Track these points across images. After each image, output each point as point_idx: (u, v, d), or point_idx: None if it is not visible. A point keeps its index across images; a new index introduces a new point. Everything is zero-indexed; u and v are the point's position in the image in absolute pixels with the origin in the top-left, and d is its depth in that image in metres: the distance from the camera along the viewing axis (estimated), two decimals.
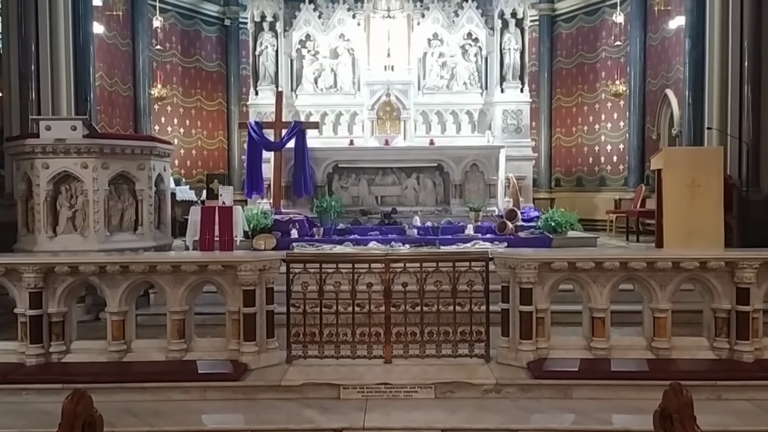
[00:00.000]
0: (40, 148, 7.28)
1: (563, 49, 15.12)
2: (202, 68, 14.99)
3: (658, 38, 12.74)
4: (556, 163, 15.39)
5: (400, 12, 13.99)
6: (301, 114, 14.00)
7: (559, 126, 15.31)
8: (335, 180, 12.51)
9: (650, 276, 5.40)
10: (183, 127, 14.58)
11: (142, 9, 13.22)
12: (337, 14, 14.32)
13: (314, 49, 14.35)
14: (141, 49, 13.24)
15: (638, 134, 13.32)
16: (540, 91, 15.18)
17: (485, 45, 14.16)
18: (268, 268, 5.47)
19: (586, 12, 14.59)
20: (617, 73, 13.61)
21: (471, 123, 14.18)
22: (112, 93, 12.47)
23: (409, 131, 13.79)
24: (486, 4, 14.26)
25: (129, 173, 7.67)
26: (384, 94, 13.72)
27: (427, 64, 14.32)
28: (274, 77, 14.15)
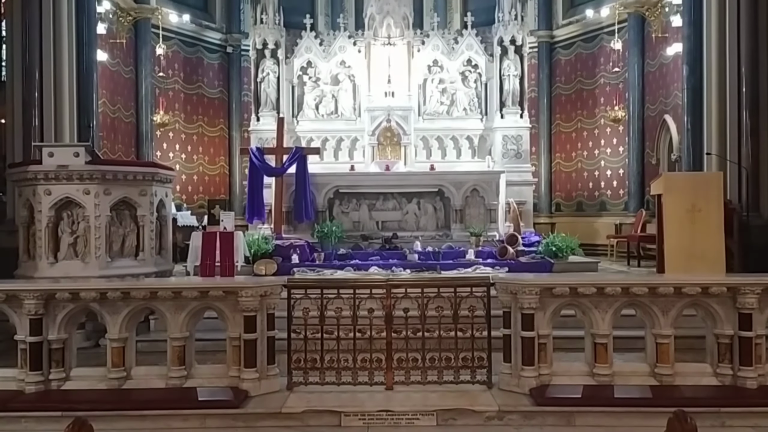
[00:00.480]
0: (43, 174, 7.32)
1: (562, 75, 15.25)
2: (204, 95, 15.11)
3: (656, 65, 12.86)
4: (556, 188, 15.43)
5: (400, 39, 14.15)
6: (302, 140, 14.08)
7: (558, 151, 15.38)
8: (336, 205, 12.53)
9: (652, 301, 5.38)
10: (185, 153, 14.66)
11: (145, 37, 13.37)
12: (338, 41, 14.48)
13: (315, 76, 14.49)
14: (144, 76, 13.37)
15: (638, 159, 13.38)
16: (539, 116, 15.29)
17: (485, 71, 14.29)
18: (269, 293, 5.46)
19: (584, 39, 14.74)
20: (616, 99, 13.72)
21: (471, 148, 14.26)
22: (115, 119, 12.55)
23: (409, 157, 13.86)
24: (485, 31, 14.42)
25: (131, 199, 7.70)
26: (384, 119, 13.82)
27: (428, 90, 14.44)
28: (276, 103, 14.27)
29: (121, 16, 12.75)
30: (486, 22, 14.55)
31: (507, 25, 13.95)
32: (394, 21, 14.09)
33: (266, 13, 14.19)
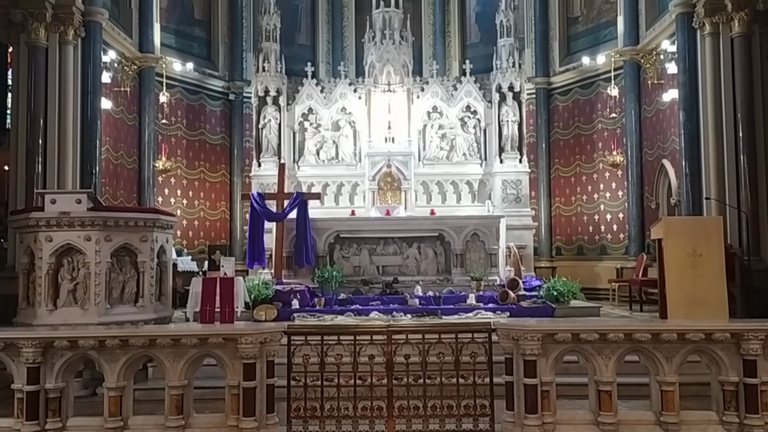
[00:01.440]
0: (45, 221, 7.35)
1: (560, 120, 15.43)
2: (207, 141, 15.26)
3: (653, 110, 13.01)
4: (556, 232, 15.44)
5: (400, 86, 14.37)
6: (303, 185, 14.17)
7: (558, 195, 15.45)
8: (337, 250, 12.55)
9: (656, 348, 5.34)
10: (186, 199, 14.72)
11: (149, 85, 13.58)
12: (338, 88, 14.70)
13: (316, 122, 14.66)
14: (147, 123, 13.52)
15: (637, 203, 13.41)
16: (538, 161, 15.40)
17: (484, 117, 14.47)
18: (269, 340, 5.42)
19: (581, 85, 14.96)
20: (614, 144, 13.84)
21: (471, 193, 14.33)
22: (118, 166, 12.66)
23: (409, 201, 13.92)
24: (483, 78, 14.65)
25: (132, 245, 7.71)
26: (385, 165, 13.92)
27: (427, 136, 14.59)
28: (277, 149, 14.40)
29: (126, 65, 12.97)
30: (484, 70, 14.79)
31: (505, 72, 14.18)
32: (393, 69, 14.32)
33: (268, 62, 14.44)
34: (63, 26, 10.50)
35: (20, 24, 10.27)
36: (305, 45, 16.64)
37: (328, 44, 16.72)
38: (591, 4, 14.97)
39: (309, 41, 16.73)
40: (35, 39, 10.23)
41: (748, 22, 10.21)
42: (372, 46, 14.32)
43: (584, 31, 15.10)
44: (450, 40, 16.71)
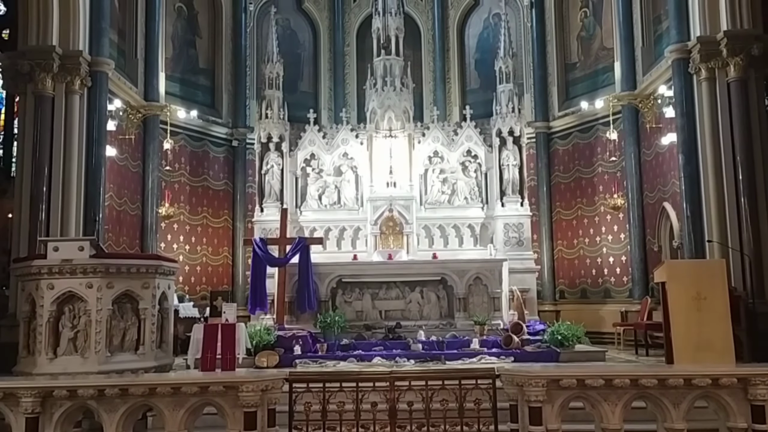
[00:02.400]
0: (47, 269, 7.36)
1: (560, 164, 15.54)
2: (210, 187, 15.37)
3: (652, 153, 13.11)
4: (559, 275, 15.38)
5: (401, 132, 14.53)
6: (306, 230, 14.21)
7: (560, 238, 15.44)
8: (339, 295, 12.49)
9: (662, 394, 5.26)
10: (188, 244, 14.74)
11: (153, 132, 13.75)
12: (340, 134, 14.87)
13: (318, 168, 14.78)
14: (151, 170, 13.64)
15: (640, 246, 13.39)
16: (540, 204, 15.45)
17: (484, 161, 14.58)
18: (271, 388, 5.36)
19: (580, 129, 15.11)
20: (615, 187, 13.89)
21: (473, 236, 14.34)
22: (121, 212, 12.72)
23: (412, 245, 13.93)
24: (484, 123, 14.83)
25: (133, 292, 7.70)
26: (387, 209, 13.98)
27: (429, 180, 14.69)
28: (279, 194, 14.49)
29: (131, 113, 13.16)
30: (484, 115, 14.98)
31: (505, 117, 14.35)
32: (395, 114, 14.50)
33: (271, 109, 14.64)
34: (70, 76, 10.71)
35: (27, 74, 10.49)
36: (308, 92, 16.92)
37: (330, 91, 16.99)
38: (588, 50, 15.24)
39: (311, 88, 17.02)
40: (42, 89, 10.44)
41: (744, 67, 10.40)
42: (373, 92, 14.54)
43: (582, 77, 15.34)
44: (450, 86, 16.96)
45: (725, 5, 10.59)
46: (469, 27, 17.14)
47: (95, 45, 11.26)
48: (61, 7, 10.75)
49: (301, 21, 17.16)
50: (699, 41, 10.74)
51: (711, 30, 10.74)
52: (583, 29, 15.37)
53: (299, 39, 17.08)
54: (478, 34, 16.98)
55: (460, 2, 17.07)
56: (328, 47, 17.12)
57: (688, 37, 11.11)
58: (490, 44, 16.11)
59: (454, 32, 17.06)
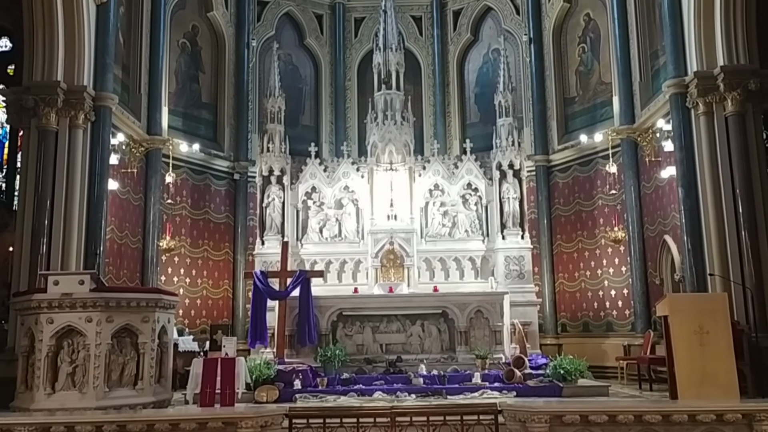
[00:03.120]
0: (47, 303, 7.35)
1: (560, 197, 15.58)
2: (211, 220, 15.40)
3: (652, 187, 13.15)
4: (561, 308, 15.30)
5: (402, 165, 14.61)
6: (306, 262, 14.18)
7: (561, 271, 15.40)
8: (339, 328, 12.43)
9: (667, 430, 5.21)
10: (189, 277, 14.71)
11: (155, 166, 13.82)
12: (341, 168, 14.94)
13: (320, 201, 14.82)
14: (153, 203, 13.67)
15: (641, 279, 13.34)
16: (540, 237, 15.45)
17: (485, 194, 14.63)
18: (270, 424, 5.31)
19: (580, 163, 15.19)
20: (615, 220, 13.90)
21: (474, 269, 14.31)
22: (122, 245, 12.72)
23: (412, 278, 13.89)
24: (484, 156, 14.91)
25: (133, 326, 7.67)
26: (387, 242, 13.97)
27: (429, 213, 14.71)
28: (280, 227, 14.50)
29: (134, 147, 13.25)
30: (484, 148, 15.08)
31: (504, 150, 14.44)
32: (395, 148, 14.60)
33: (273, 142, 14.74)
34: (74, 111, 10.83)
35: (32, 109, 10.60)
36: (309, 126, 17.09)
37: (332, 125, 17.16)
38: (586, 85, 15.41)
39: (313, 122, 17.20)
40: (46, 123, 10.54)
41: (741, 101, 10.50)
42: (374, 126, 14.65)
43: (581, 111, 15.48)
44: (450, 120, 17.14)
45: (721, 41, 10.74)
46: (468, 62, 17.40)
47: (99, 80, 11.41)
48: (67, 43, 10.92)
49: (303, 56, 17.43)
50: (696, 76, 10.86)
51: (708, 65, 10.86)
52: (582, 64, 15.57)
53: (301, 74, 17.31)
54: (478, 69, 17.22)
55: (460, 38, 17.34)
56: (329, 82, 17.35)
57: (686, 72, 11.23)
58: (490, 79, 16.32)
59: (454, 67, 17.32)
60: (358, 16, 17.73)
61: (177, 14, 15.06)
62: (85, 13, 11.09)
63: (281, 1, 17.10)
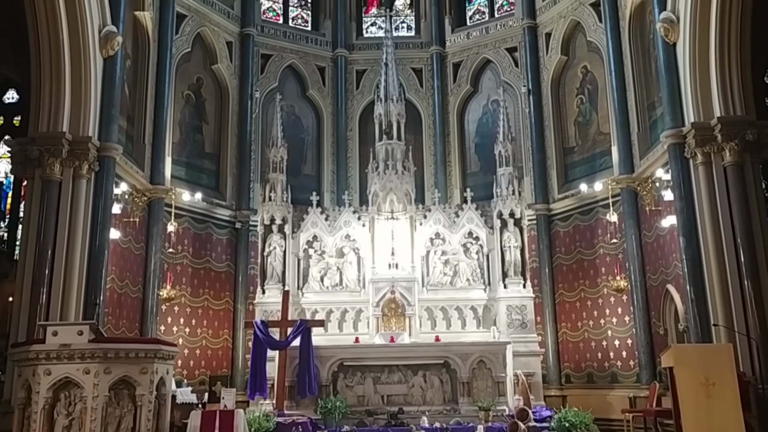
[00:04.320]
0: (45, 354, 7.27)
1: (562, 246, 15.57)
2: (212, 268, 15.37)
3: (653, 236, 13.14)
4: (564, 359, 15.10)
5: (403, 214, 14.67)
6: (307, 311, 14.10)
7: (564, 321, 15.27)
8: (340, 378, 12.31)
9: None
10: (189, 327, 14.60)
11: (158, 215, 13.87)
12: (343, 216, 15.00)
13: (321, 249, 14.82)
14: (154, 252, 13.66)
15: (645, 329, 13.19)
16: (542, 286, 15.36)
17: (486, 243, 14.63)
18: None
19: (580, 212, 15.23)
20: (617, 269, 13.84)
21: (476, 318, 14.21)
22: (122, 295, 12.67)
23: (414, 327, 13.79)
24: (484, 205, 14.97)
25: (131, 378, 7.57)
26: (389, 291, 13.92)
27: (431, 262, 14.69)
28: (281, 276, 14.47)
29: (137, 196, 13.32)
30: (485, 197, 15.15)
31: (505, 199, 14.50)
32: (396, 197, 14.68)
33: (275, 192, 14.83)
34: (78, 161, 10.94)
35: (36, 159, 10.71)
36: (311, 175, 17.24)
37: (333, 174, 17.30)
38: (585, 135, 15.60)
39: (314, 172, 17.35)
40: (50, 173, 10.64)
41: (739, 151, 10.60)
42: (375, 176, 14.77)
43: (580, 160, 15.62)
44: (451, 169, 17.27)
45: (717, 92, 10.91)
46: (468, 112, 17.65)
47: (104, 131, 11.55)
48: (73, 94, 11.10)
49: (305, 107, 17.70)
50: (693, 127, 10.98)
51: (705, 116, 11.00)
52: (580, 115, 15.79)
53: (303, 124, 17.56)
54: (478, 120, 17.46)
55: (460, 89, 17.63)
56: (331, 132, 17.58)
57: (683, 123, 11.36)
58: (490, 129, 16.53)
59: (454, 117, 17.55)
60: (360, 68, 18.07)
61: (182, 67, 15.38)
62: (92, 66, 11.31)
63: (284, 54, 17.47)
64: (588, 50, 15.53)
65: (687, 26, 11.14)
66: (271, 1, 18.32)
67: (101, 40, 11.50)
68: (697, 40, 11.04)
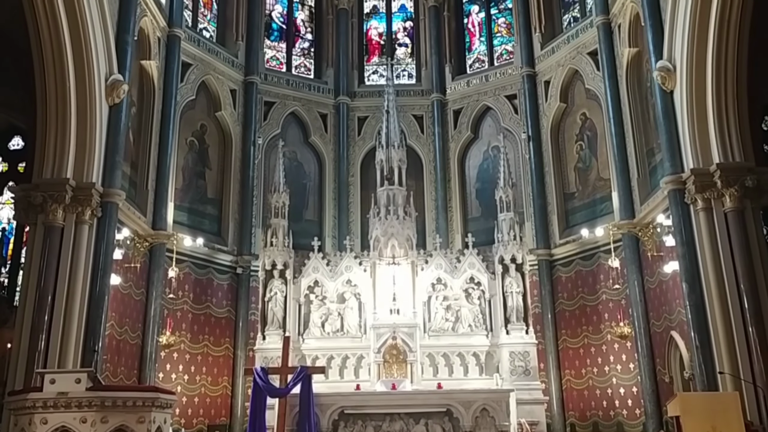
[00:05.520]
0: (42, 402, 7.18)
1: (564, 291, 15.48)
2: (212, 314, 15.27)
3: (656, 281, 13.07)
4: (569, 407, 14.84)
5: (404, 259, 14.63)
6: (308, 358, 13.95)
7: (568, 367, 15.06)
8: (341, 427, 12.10)
9: None
10: (188, 374, 14.41)
11: (159, 260, 13.86)
12: (344, 261, 14.97)
13: (322, 294, 14.76)
14: (154, 298, 13.61)
15: (650, 377, 13.01)
16: (545, 332, 15.21)
17: (488, 288, 14.55)
18: None
19: (582, 257, 15.20)
20: (620, 315, 13.74)
21: (478, 365, 14.03)
22: (121, 341, 12.56)
23: (416, 374, 13.60)
24: (486, 250, 14.95)
25: (128, 427, 7.44)
26: (390, 337, 13.79)
27: (432, 307, 14.60)
28: (282, 322, 14.37)
29: (138, 242, 13.34)
30: (486, 242, 15.15)
31: (507, 245, 14.49)
32: (398, 242, 14.67)
33: (276, 237, 14.85)
34: (81, 207, 11.00)
35: (39, 205, 10.76)
36: (312, 220, 17.30)
37: (335, 219, 17.34)
38: (585, 180, 15.69)
39: (316, 217, 17.42)
40: (52, 219, 10.68)
41: (739, 197, 10.64)
42: (377, 221, 14.78)
43: (581, 206, 15.67)
44: (452, 214, 17.32)
45: (715, 138, 11.01)
46: (469, 158, 17.81)
47: (108, 177, 11.65)
48: (78, 141, 11.23)
49: (307, 153, 17.87)
50: (693, 173, 11.05)
51: (704, 162, 11.08)
52: (580, 161, 15.92)
53: (305, 170, 17.70)
54: (478, 165, 17.60)
55: (460, 136, 17.82)
56: (333, 177, 17.70)
57: (682, 169, 11.43)
58: (490, 174, 16.64)
59: (455, 163, 17.70)
60: (362, 115, 18.31)
61: (186, 114, 15.60)
62: (97, 113, 11.47)
63: (287, 102, 17.74)
64: (586, 97, 15.75)
65: (683, 74, 11.32)
66: (274, 50, 18.68)
67: (107, 88, 11.69)
68: (693, 88, 11.20)
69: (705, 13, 10.84)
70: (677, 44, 11.45)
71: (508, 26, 18.47)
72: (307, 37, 19.31)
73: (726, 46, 10.89)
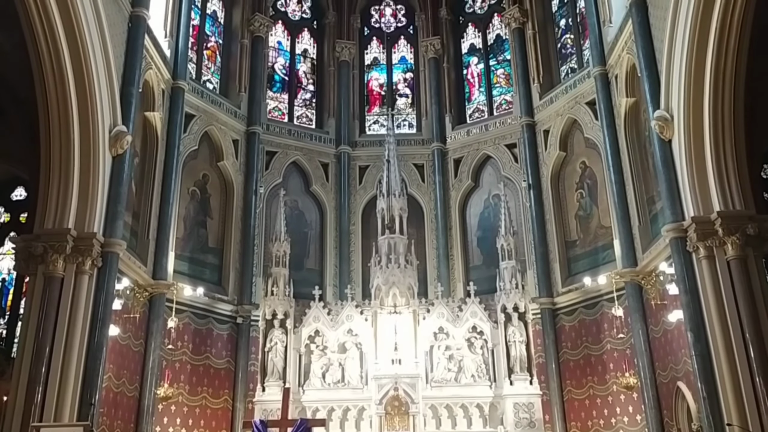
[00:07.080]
0: None
1: (568, 340, 15.29)
2: (211, 365, 15.05)
3: (660, 330, 12.90)
4: None
5: (406, 308, 14.51)
6: (308, 410, 13.70)
7: (573, 419, 14.74)
8: None
9: None
10: (185, 427, 14.11)
11: (158, 310, 13.73)
12: (345, 311, 14.85)
13: (323, 344, 14.59)
14: (153, 349, 13.43)
15: (658, 429, 12.70)
16: (549, 382, 14.96)
17: (490, 337, 14.37)
18: None
19: (585, 306, 15.07)
20: (626, 365, 13.50)
21: (482, 417, 13.75)
22: (118, 394, 12.34)
23: (418, 427, 13.34)
24: (488, 299, 14.84)
25: None
26: (392, 387, 13.58)
27: (434, 357, 14.40)
28: (282, 373, 14.17)
29: (138, 292, 13.25)
30: (488, 291, 15.04)
31: (509, 293, 14.40)
32: (399, 291, 14.58)
33: (277, 286, 14.78)
34: (81, 257, 10.96)
35: (40, 256, 10.72)
36: (313, 269, 17.24)
37: (336, 268, 17.27)
38: (587, 228, 15.67)
39: (317, 266, 17.35)
40: (53, 270, 10.63)
41: (741, 245, 10.59)
42: (378, 269, 14.72)
43: (583, 254, 15.62)
44: (453, 262, 17.25)
45: (715, 187, 11.02)
46: (470, 207, 17.85)
47: (109, 227, 11.65)
48: (81, 191, 11.27)
49: (308, 202, 17.93)
50: (694, 221, 11.03)
51: (704, 210, 11.07)
52: (581, 209, 15.94)
53: (306, 219, 17.73)
54: (479, 213, 17.63)
55: (461, 184, 17.91)
56: (334, 226, 17.72)
57: (683, 217, 11.41)
58: (491, 222, 16.66)
59: (456, 212, 17.74)
60: (363, 164, 18.45)
61: (189, 164, 15.71)
62: (101, 164, 11.55)
63: (289, 151, 17.91)
64: (586, 146, 15.88)
65: (681, 123, 11.42)
66: (277, 101, 18.96)
67: (111, 140, 11.80)
68: (691, 137, 11.29)
69: (701, 63, 11.00)
70: (674, 94, 11.59)
71: (506, 77, 18.77)
72: (309, 88, 19.62)
73: (722, 95, 11.01)
